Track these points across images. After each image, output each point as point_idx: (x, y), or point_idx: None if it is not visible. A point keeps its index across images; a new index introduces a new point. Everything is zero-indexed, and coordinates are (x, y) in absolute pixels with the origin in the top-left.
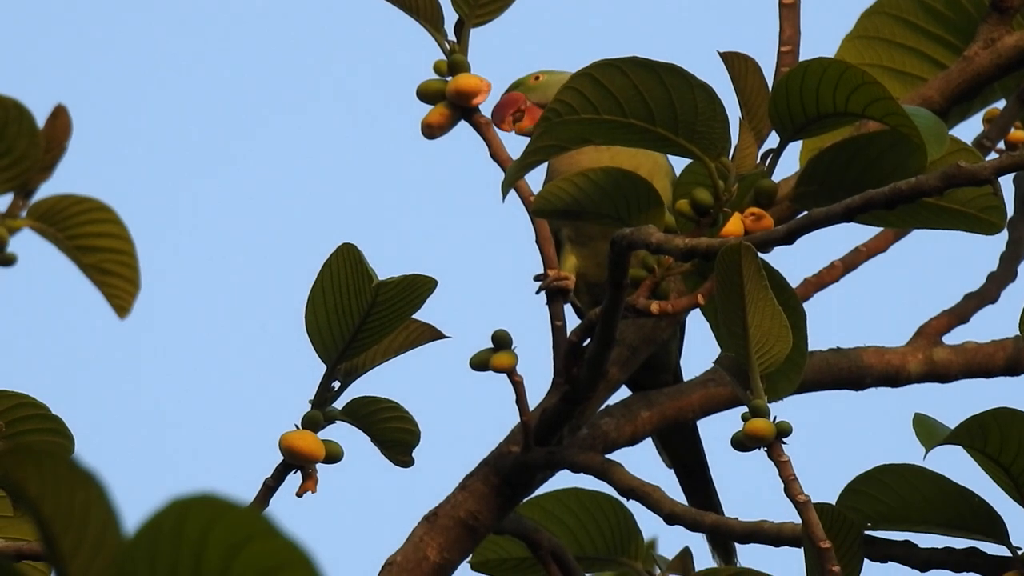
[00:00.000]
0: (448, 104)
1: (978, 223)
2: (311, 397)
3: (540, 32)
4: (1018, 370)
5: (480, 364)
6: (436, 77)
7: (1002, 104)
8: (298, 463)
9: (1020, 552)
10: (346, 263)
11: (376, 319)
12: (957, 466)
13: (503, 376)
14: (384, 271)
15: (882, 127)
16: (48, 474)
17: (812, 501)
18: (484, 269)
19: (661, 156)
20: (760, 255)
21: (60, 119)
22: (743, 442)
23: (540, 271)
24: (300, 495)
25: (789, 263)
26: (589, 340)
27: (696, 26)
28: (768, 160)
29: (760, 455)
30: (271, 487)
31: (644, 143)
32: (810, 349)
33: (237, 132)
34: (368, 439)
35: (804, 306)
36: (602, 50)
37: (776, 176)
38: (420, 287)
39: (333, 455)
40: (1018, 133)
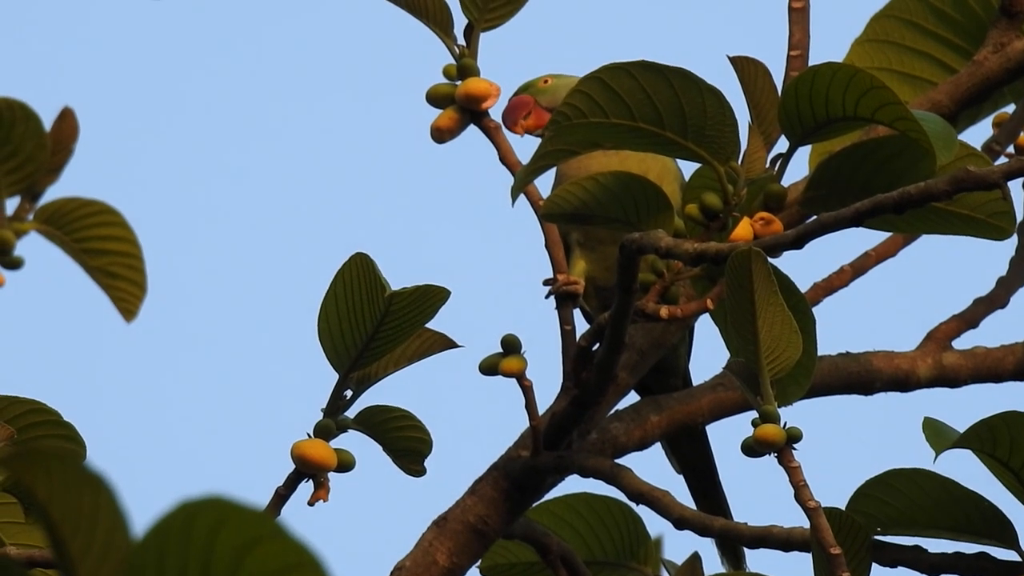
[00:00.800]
0: (457, 108)
1: (987, 228)
2: (323, 406)
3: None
4: None
5: (489, 368)
6: (445, 81)
7: (1011, 108)
8: (310, 472)
9: None
10: (359, 273)
11: (389, 328)
12: (967, 470)
13: (512, 380)
14: (392, 272)
15: (891, 132)
16: (57, 477)
17: (822, 506)
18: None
19: (670, 160)
20: (769, 259)
21: (67, 121)
22: (753, 448)
23: (549, 275)
24: (312, 504)
25: (798, 267)
26: (598, 344)
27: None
28: (777, 164)
29: (769, 460)
30: (283, 496)
31: (653, 147)
32: (820, 353)
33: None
34: (380, 448)
35: (813, 310)
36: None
37: (785, 180)
38: (433, 297)
39: (345, 464)
40: None
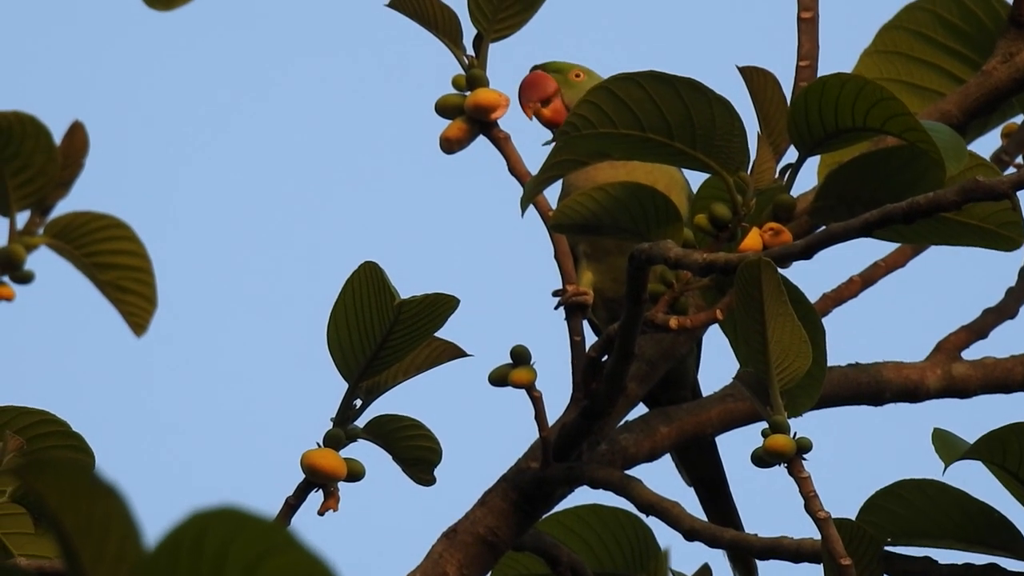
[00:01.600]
0: (466, 119)
1: (997, 239)
2: (333, 415)
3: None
4: None
5: (499, 379)
6: (454, 92)
7: (1020, 119)
8: (320, 481)
9: None
10: (368, 281)
11: (398, 337)
12: (977, 481)
13: (522, 391)
14: (401, 285)
15: (900, 142)
16: (68, 486)
17: (832, 517)
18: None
19: (677, 171)
20: (779, 270)
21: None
22: (763, 458)
23: (559, 286)
24: (322, 513)
25: (807, 278)
26: (608, 355)
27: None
28: (787, 175)
29: (778, 470)
30: (293, 505)
31: (662, 157)
32: (829, 364)
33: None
34: (390, 457)
35: (823, 321)
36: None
37: (794, 191)
38: (442, 306)
39: (355, 473)
40: None
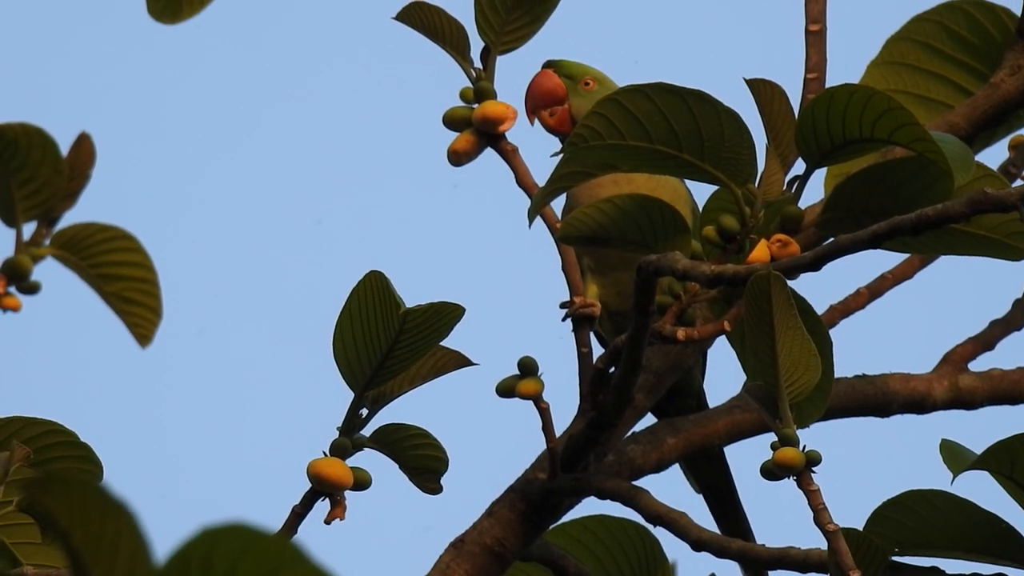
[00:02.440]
0: (474, 131)
1: (1004, 249)
2: (339, 424)
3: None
4: None
5: (506, 391)
6: (462, 104)
7: None
8: (326, 490)
9: None
10: (374, 291)
11: (404, 346)
12: (984, 492)
13: (529, 403)
14: (410, 298)
15: (908, 153)
16: (79, 503)
17: (840, 527)
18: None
19: (680, 185)
20: (787, 282)
21: (84, 147)
22: (773, 471)
23: (565, 298)
24: (328, 522)
25: (815, 289)
26: (615, 367)
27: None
28: (794, 186)
29: (785, 481)
30: (299, 514)
31: (670, 169)
32: (836, 376)
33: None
34: (396, 466)
35: (830, 332)
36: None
37: (802, 202)
38: (448, 314)
39: (361, 482)
40: None
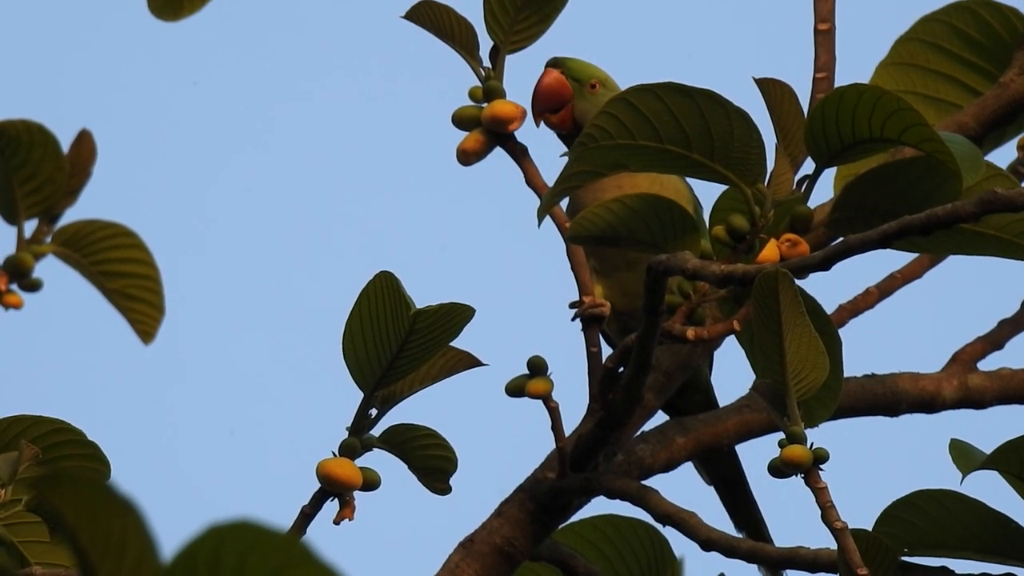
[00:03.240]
0: (483, 130)
1: (1014, 249)
2: (348, 424)
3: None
4: None
5: (516, 390)
6: (471, 103)
7: None
8: (336, 491)
9: None
10: (384, 291)
11: (414, 347)
12: (994, 492)
13: (539, 402)
14: (419, 297)
15: (918, 153)
16: (86, 501)
17: (849, 527)
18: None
19: (683, 184)
20: (796, 281)
21: (85, 144)
22: (780, 469)
23: (574, 298)
24: (337, 523)
25: (824, 289)
26: (625, 366)
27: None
28: (804, 186)
29: (794, 481)
30: (308, 514)
31: (680, 169)
32: (845, 375)
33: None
34: (405, 466)
35: (839, 332)
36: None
37: (812, 202)
38: (458, 315)
39: (370, 483)
40: None
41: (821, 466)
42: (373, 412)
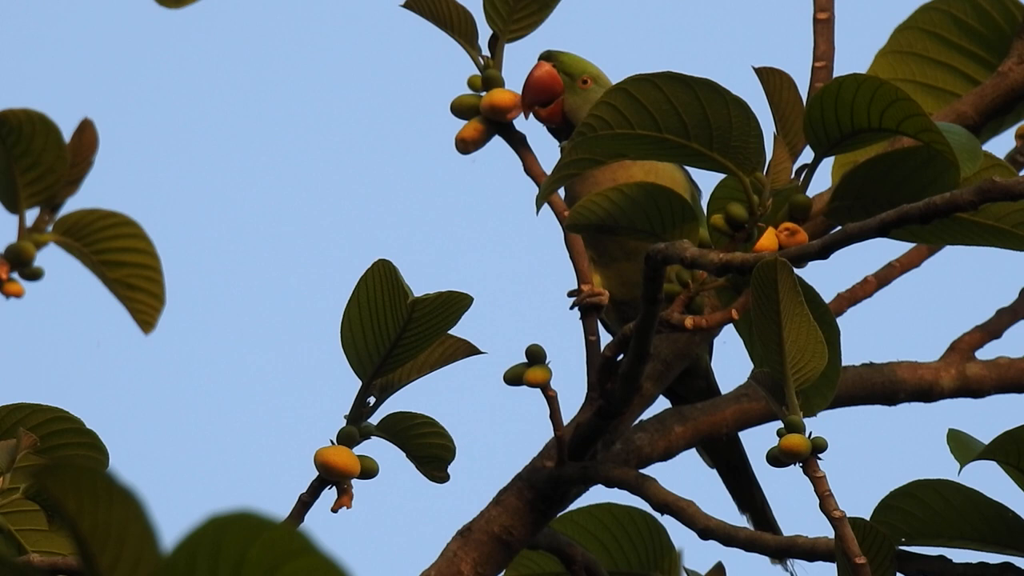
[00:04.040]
0: (482, 119)
1: (1012, 238)
2: (346, 413)
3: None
4: None
5: (514, 379)
6: (470, 92)
7: None
8: (334, 479)
9: None
10: (382, 279)
11: (412, 335)
12: (991, 481)
13: (537, 391)
14: (417, 285)
15: (916, 143)
16: (87, 490)
17: (847, 516)
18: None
19: (678, 172)
20: (795, 270)
21: (86, 133)
22: (778, 457)
23: (572, 286)
24: (335, 511)
25: (822, 277)
26: (623, 355)
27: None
28: (803, 175)
29: (793, 470)
30: (307, 502)
31: (679, 158)
32: (843, 364)
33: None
34: (403, 455)
35: (837, 321)
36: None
37: (810, 191)
38: (456, 304)
39: (368, 471)
40: None
41: (819, 455)
42: (371, 400)
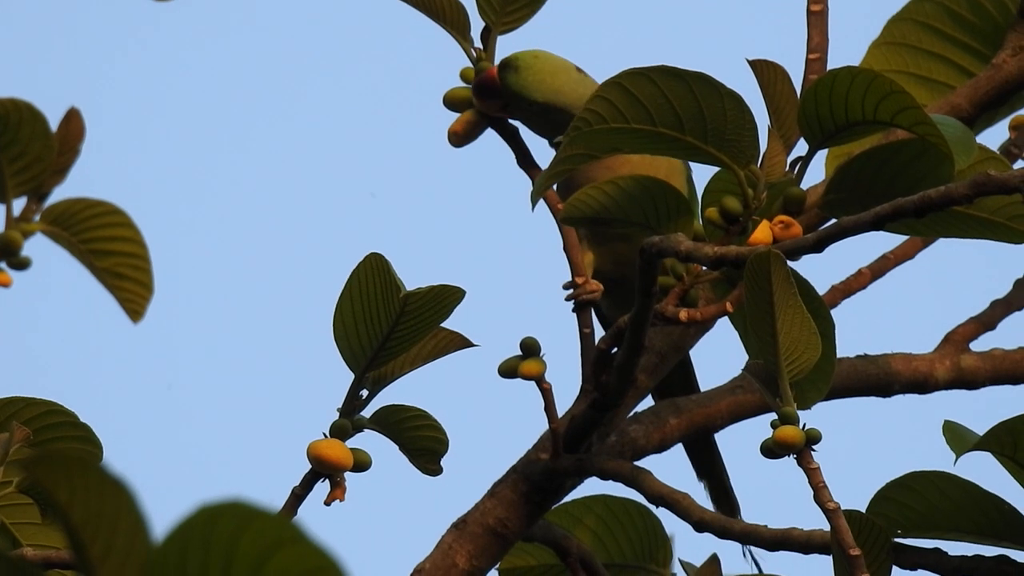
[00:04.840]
0: (475, 112)
1: (1007, 231)
2: (339, 406)
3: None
4: None
5: (509, 371)
6: (463, 85)
7: None
8: (326, 472)
9: None
10: (374, 273)
11: (404, 328)
12: (987, 473)
13: (532, 383)
14: (411, 278)
15: (911, 136)
16: (78, 481)
17: (841, 508)
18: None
19: (677, 160)
20: (789, 263)
21: (73, 122)
22: (772, 449)
23: (567, 277)
24: (328, 503)
25: (817, 270)
26: (618, 347)
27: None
28: (797, 168)
29: (788, 462)
30: (299, 496)
31: (673, 152)
32: (838, 356)
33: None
34: (396, 447)
35: (832, 313)
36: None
37: (805, 184)
38: (448, 297)
39: (361, 464)
40: None
41: (814, 447)
42: (364, 393)
